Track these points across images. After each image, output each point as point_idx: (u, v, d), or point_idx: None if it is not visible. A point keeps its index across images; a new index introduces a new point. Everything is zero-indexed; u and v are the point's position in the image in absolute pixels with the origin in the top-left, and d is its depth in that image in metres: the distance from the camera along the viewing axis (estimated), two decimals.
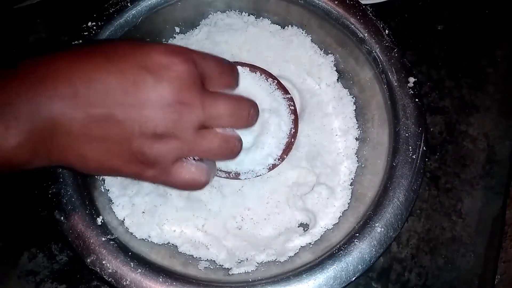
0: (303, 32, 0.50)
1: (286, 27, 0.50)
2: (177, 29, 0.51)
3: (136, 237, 0.42)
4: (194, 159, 0.33)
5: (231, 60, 0.45)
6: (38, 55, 0.30)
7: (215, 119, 0.31)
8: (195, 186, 0.33)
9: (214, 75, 0.32)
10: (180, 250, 0.43)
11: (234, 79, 0.35)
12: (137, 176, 0.32)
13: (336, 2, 0.46)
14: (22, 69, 0.29)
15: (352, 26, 0.45)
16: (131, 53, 0.30)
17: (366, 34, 0.45)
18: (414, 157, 0.40)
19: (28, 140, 0.28)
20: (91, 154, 0.30)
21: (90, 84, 0.28)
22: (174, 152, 0.31)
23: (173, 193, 0.44)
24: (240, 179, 0.41)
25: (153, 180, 0.33)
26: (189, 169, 0.32)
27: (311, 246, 0.42)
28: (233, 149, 0.34)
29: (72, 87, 0.28)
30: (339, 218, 0.43)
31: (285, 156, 0.42)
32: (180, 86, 0.29)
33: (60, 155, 0.30)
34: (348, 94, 0.48)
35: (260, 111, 0.36)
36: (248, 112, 0.34)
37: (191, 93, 0.30)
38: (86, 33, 0.45)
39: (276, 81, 0.44)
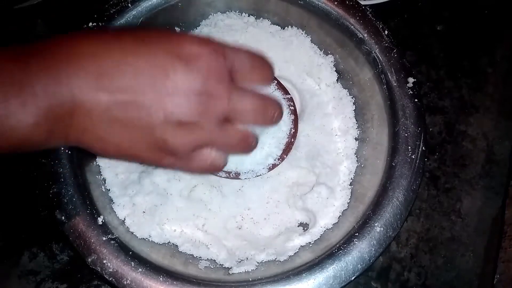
0: (303, 32, 0.50)
1: (286, 27, 0.51)
2: (178, 30, 0.51)
3: (137, 237, 0.42)
4: None
5: None
6: (59, 35, 0.29)
7: (239, 114, 0.31)
8: (213, 171, 0.34)
9: (244, 70, 0.31)
10: (180, 249, 0.43)
11: (265, 76, 0.33)
12: (155, 163, 0.33)
13: (335, 3, 0.46)
14: (45, 46, 0.28)
15: (352, 26, 0.45)
16: (164, 40, 0.29)
17: (365, 35, 0.45)
18: (414, 157, 0.40)
19: (45, 119, 0.27)
20: (111, 138, 0.29)
21: (118, 66, 0.27)
22: (196, 141, 0.31)
23: (174, 193, 0.44)
24: (240, 179, 0.41)
25: (171, 166, 0.33)
26: (208, 156, 0.32)
27: (311, 245, 0.42)
28: (250, 147, 0.34)
29: (99, 67, 0.27)
30: (338, 217, 0.43)
31: (285, 156, 0.42)
32: (209, 77, 0.29)
33: (78, 136, 0.29)
34: (348, 94, 0.48)
35: None
36: (274, 112, 0.33)
37: (219, 85, 0.29)
38: None
39: (276, 81, 0.44)
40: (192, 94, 0.28)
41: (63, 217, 0.38)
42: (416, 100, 0.42)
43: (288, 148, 0.42)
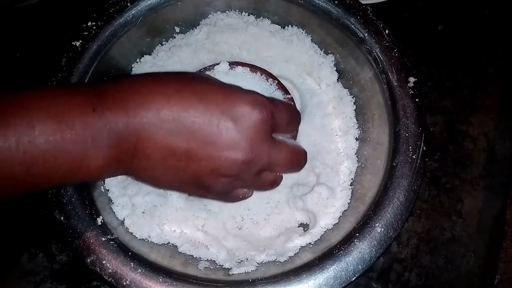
0: (303, 32, 0.50)
1: (286, 27, 0.50)
2: (177, 29, 0.51)
3: (136, 237, 0.42)
4: None
5: (231, 60, 0.45)
6: (121, 79, 0.32)
7: (274, 167, 0.36)
8: (243, 199, 0.40)
9: (282, 124, 0.36)
10: (180, 250, 0.43)
11: (297, 126, 0.39)
12: (200, 196, 0.41)
13: (336, 2, 0.46)
14: (114, 95, 0.31)
15: (352, 26, 0.45)
16: (220, 99, 0.33)
17: (366, 34, 0.45)
18: (414, 157, 0.40)
19: (113, 161, 0.31)
20: (164, 178, 0.34)
21: (178, 121, 0.31)
22: (235, 187, 0.37)
23: (173, 193, 0.44)
24: None
25: (212, 199, 0.41)
26: (241, 193, 0.39)
27: (311, 246, 0.42)
28: (277, 185, 0.39)
29: (161, 120, 0.31)
30: (339, 218, 0.43)
31: None
32: (256, 136, 0.33)
33: (136, 174, 0.34)
34: (348, 94, 0.48)
35: None
36: (302, 162, 0.39)
37: (262, 145, 0.34)
38: (86, 33, 0.45)
39: (276, 81, 0.44)
40: (239, 153, 0.33)
41: (62, 218, 0.38)
42: (417, 99, 0.42)
43: None
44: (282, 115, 0.35)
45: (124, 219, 0.43)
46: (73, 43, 0.44)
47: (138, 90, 0.32)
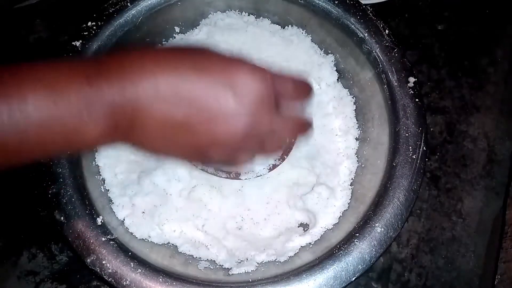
0: (303, 32, 0.50)
1: (286, 27, 0.50)
2: (177, 29, 0.51)
3: (136, 237, 0.42)
4: None
5: None
6: (124, 51, 0.32)
7: (277, 138, 0.35)
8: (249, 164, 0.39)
9: (288, 92, 0.35)
10: (180, 250, 0.43)
11: (305, 94, 0.37)
12: (202, 163, 0.40)
13: (336, 2, 0.46)
14: (111, 64, 0.30)
15: (352, 26, 0.45)
16: (219, 69, 0.32)
17: (366, 34, 0.45)
18: (414, 157, 0.40)
19: (109, 129, 0.30)
20: (163, 148, 0.33)
21: (176, 92, 0.30)
22: (235, 158, 0.35)
23: (173, 193, 0.44)
24: (240, 179, 0.41)
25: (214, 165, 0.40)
26: (245, 157, 0.37)
27: (311, 246, 0.42)
28: (279, 152, 0.39)
29: (158, 91, 0.30)
30: (339, 218, 0.43)
31: (285, 156, 0.42)
32: (257, 108, 0.32)
33: (134, 142, 0.33)
34: (348, 94, 0.48)
35: None
36: (307, 129, 0.38)
37: (263, 116, 0.33)
38: (86, 33, 0.45)
39: None
40: (240, 124, 0.32)
41: (62, 218, 0.38)
42: (417, 99, 0.42)
43: (288, 148, 0.42)
44: (285, 84, 0.35)
45: (124, 219, 0.43)
46: (73, 43, 0.44)
47: (135, 61, 0.31)
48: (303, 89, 0.37)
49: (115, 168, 0.45)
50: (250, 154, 0.37)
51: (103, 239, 0.38)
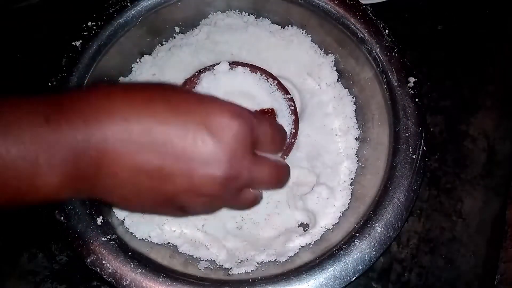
0: (303, 32, 0.50)
1: (286, 27, 0.50)
2: (177, 29, 0.51)
3: (136, 237, 0.42)
4: None
5: (231, 60, 0.45)
6: (90, 88, 0.29)
7: (256, 184, 0.33)
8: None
9: (265, 142, 0.33)
10: (180, 250, 0.43)
11: (282, 147, 0.36)
12: (173, 216, 0.36)
13: (336, 2, 0.46)
14: (73, 103, 0.27)
15: (352, 26, 0.45)
16: (195, 109, 0.29)
17: (366, 34, 0.44)
18: (414, 157, 0.40)
19: (72, 180, 0.27)
20: (135, 199, 0.30)
21: (149, 133, 0.28)
22: (212, 207, 0.33)
23: None
24: None
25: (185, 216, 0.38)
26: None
27: (311, 246, 0.42)
28: (256, 204, 0.36)
29: (129, 133, 0.27)
30: (339, 218, 0.43)
31: (285, 156, 0.42)
32: (235, 150, 0.30)
33: (102, 195, 0.30)
34: (348, 94, 0.48)
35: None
36: (285, 178, 0.35)
37: (243, 161, 0.30)
38: (86, 33, 0.45)
39: (276, 81, 0.44)
40: (217, 169, 0.29)
41: (62, 218, 0.38)
42: (417, 99, 0.42)
43: (288, 148, 0.42)
44: (264, 130, 0.32)
45: (124, 219, 0.43)
46: (73, 43, 0.44)
47: (101, 98, 0.28)
48: (281, 140, 0.35)
49: None
50: (225, 206, 0.34)
51: (103, 239, 0.38)
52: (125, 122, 0.27)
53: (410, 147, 0.40)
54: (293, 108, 0.43)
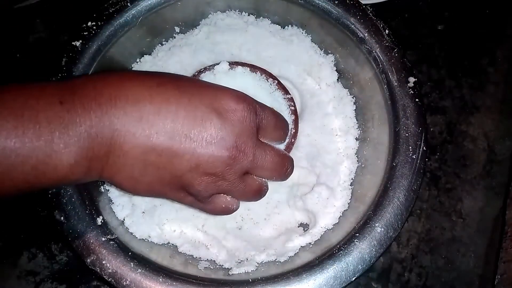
0: (303, 32, 0.50)
1: (286, 27, 0.50)
2: (177, 29, 0.51)
3: (136, 237, 0.42)
4: None
5: (231, 60, 0.45)
6: (101, 72, 0.31)
7: (259, 170, 0.34)
8: (227, 213, 0.37)
9: (269, 127, 0.34)
10: (180, 250, 0.43)
11: (284, 135, 0.37)
12: (179, 200, 0.35)
13: (336, 2, 0.46)
14: (88, 86, 0.29)
15: (352, 26, 0.45)
16: (204, 92, 0.31)
17: (366, 34, 0.44)
18: (414, 157, 0.40)
19: (85, 158, 0.28)
20: (143, 178, 0.31)
21: (159, 113, 0.29)
22: (217, 190, 0.34)
23: None
24: None
25: (191, 205, 0.36)
26: (224, 202, 0.36)
27: (311, 246, 0.42)
28: (261, 196, 0.37)
29: (140, 112, 0.29)
30: (339, 218, 0.43)
31: None
32: (241, 132, 0.31)
33: (112, 174, 0.31)
34: (348, 94, 0.48)
35: None
36: (288, 169, 0.37)
37: (248, 142, 0.32)
38: (86, 33, 0.45)
39: (276, 81, 0.44)
40: (223, 148, 0.31)
41: (62, 218, 0.38)
42: (417, 99, 0.42)
43: (288, 148, 0.42)
44: (268, 117, 0.34)
45: (124, 219, 0.43)
46: (73, 43, 0.44)
47: (114, 81, 0.29)
48: (284, 127, 0.37)
49: None
50: (230, 193, 0.35)
51: (103, 239, 0.38)
52: (137, 102, 0.29)
53: (410, 147, 0.40)
54: (293, 108, 0.43)
